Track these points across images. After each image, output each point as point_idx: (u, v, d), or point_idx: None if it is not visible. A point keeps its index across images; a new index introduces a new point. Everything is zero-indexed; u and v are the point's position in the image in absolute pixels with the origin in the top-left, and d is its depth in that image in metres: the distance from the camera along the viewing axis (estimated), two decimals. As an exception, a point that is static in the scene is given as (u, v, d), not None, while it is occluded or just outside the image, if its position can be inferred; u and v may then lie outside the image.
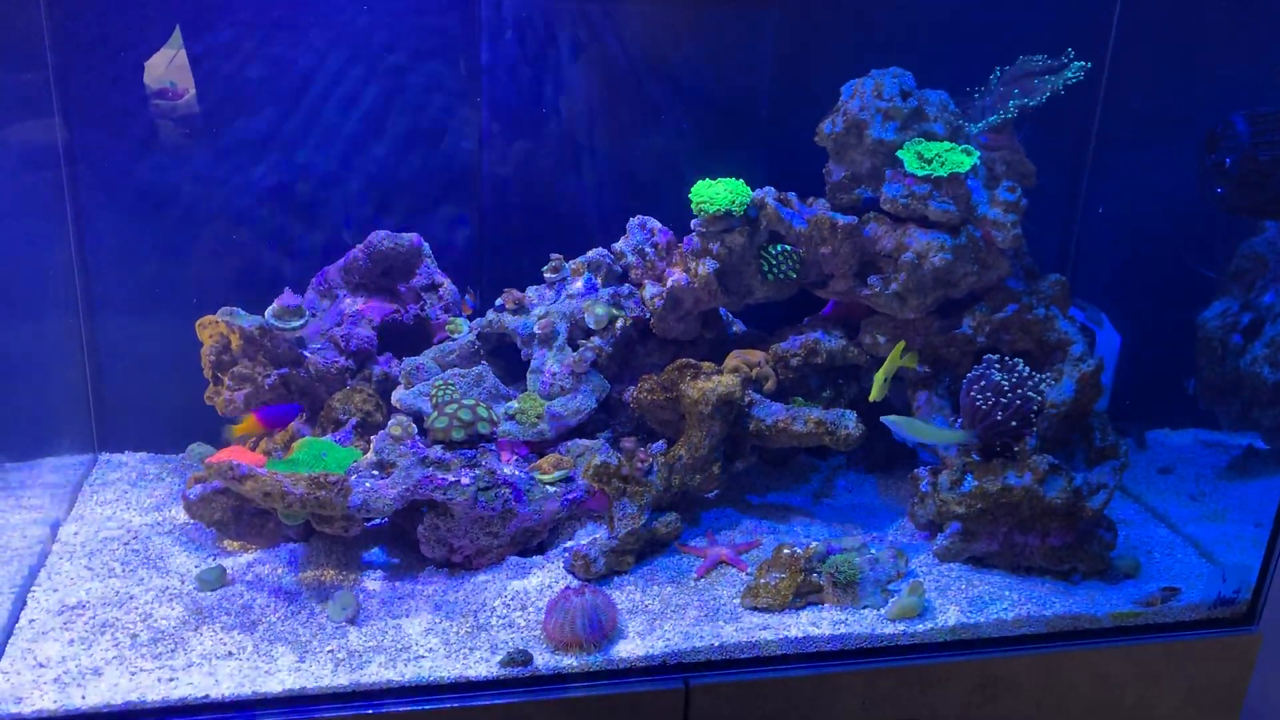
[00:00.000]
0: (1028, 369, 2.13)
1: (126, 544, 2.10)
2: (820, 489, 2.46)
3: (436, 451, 2.01)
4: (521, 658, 1.78)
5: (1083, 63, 2.23)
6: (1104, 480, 2.10)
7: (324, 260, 2.39)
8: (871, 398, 2.18)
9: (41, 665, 1.72)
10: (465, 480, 1.98)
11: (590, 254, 2.39)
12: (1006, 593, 2.07)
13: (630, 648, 1.85)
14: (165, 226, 2.33)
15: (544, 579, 2.03)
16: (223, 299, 2.27)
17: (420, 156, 2.39)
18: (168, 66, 2.23)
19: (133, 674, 1.72)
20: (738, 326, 2.53)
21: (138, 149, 2.27)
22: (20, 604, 1.88)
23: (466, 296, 2.39)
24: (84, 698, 1.66)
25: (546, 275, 2.37)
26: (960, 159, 2.16)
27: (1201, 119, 2.33)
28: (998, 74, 2.30)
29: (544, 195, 2.48)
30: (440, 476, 1.98)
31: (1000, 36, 2.38)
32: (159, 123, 2.26)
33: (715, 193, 2.18)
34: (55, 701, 1.65)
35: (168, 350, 2.35)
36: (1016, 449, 2.13)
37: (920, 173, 2.15)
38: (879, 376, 2.16)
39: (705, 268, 2.24)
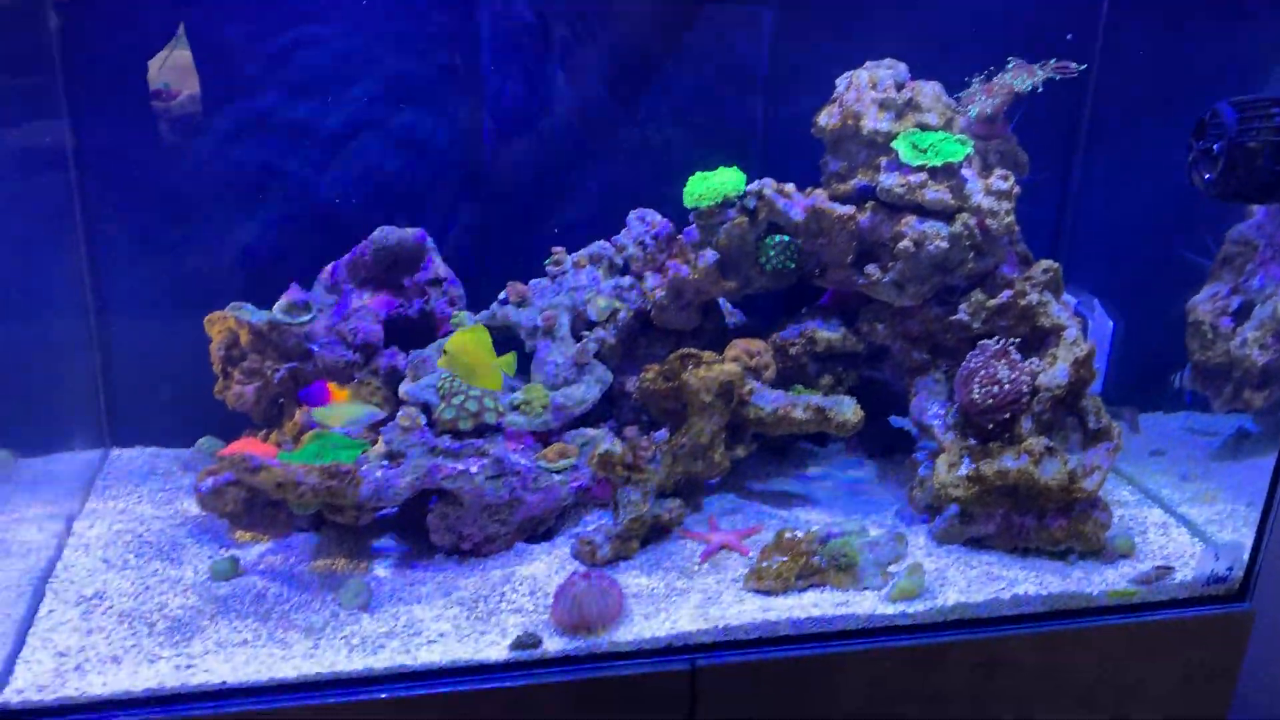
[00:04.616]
0: (1019, 355, 2.17)
1: (140, 536, 2.14)
2: (821, 474, 2.50)
3: (445, 441, 2.05)
4: (531, 641, 1.82)
5: (1055, 71, 2.26)
6: (1098, 462, 2.14)
7: (332, 255, 2.43)
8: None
9: (62, 654, 1.76)
10: (474, 469, 2.02)
11: (592, 247, 2.43)
12: (1004, 573, 2.11)
13: (636, 630, 1.89)
14: (174, 224, 2.36)
15: (551, 565, 2.07)
16: (232, 295, 2.30)
17: (423, 153, 2.42)
18: (163, 66, 2.26)
19: (151, 661, 1.76)
20: (737, 317, 2.56)
21: (145, 148, 2.31)
22: (39, 596, 1.92)
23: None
24: (104, 685, 1.70)
25: (549, 268, 2.41)
26: (954, 148, 2.20)
27: (1191, 107, 2.36)
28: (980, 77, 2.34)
29: (546, 190, 2.52)
30: (450, 465, 2.02)
31: (994, 29, 2.42)
32: (161, 122, 2.30)
33: (710, 185, 2.21)
34: (77, 689, 1.69)
35: (177, 346, 2.39)
36: (1011, 433, 2.17)
37: (915, 162, 2.19)
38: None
39: (705, 259, 2.27)
